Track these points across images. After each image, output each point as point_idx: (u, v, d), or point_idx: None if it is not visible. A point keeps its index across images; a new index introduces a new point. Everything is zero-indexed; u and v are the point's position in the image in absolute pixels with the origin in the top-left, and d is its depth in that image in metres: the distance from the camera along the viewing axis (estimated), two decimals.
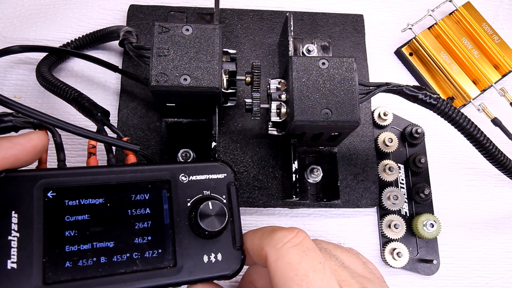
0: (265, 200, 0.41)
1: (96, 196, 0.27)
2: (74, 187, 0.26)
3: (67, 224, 0.25)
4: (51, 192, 0.26)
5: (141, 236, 0.27)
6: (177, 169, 0.29)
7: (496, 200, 0.45)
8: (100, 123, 0.34)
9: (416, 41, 0.47)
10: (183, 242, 0.27)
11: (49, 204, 0.25)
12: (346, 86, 0.34)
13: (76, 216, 0.26)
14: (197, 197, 0.29)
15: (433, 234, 0.41)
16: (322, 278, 0.23)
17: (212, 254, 0.28)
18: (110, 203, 0.27)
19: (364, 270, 0.29)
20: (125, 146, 0.30)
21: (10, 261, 0.24)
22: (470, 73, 0.46)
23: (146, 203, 0.28)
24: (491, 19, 0.50)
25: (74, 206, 0.26)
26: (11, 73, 0.43)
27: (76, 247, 0.25)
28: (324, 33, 0.46)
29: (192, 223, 0.28)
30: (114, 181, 0.27)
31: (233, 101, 0.39)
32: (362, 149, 0.43)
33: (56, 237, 0.25)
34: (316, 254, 0.24)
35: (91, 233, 0.26)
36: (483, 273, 0.43)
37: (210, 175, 0.30)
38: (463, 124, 0.36)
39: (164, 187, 0.28)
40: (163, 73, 0.33)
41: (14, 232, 0.24)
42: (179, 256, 0.27)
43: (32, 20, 0.45)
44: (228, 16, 0.46)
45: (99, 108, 0.35)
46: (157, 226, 0.27)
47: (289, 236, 0.25)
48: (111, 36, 0.42)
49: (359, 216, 0.43)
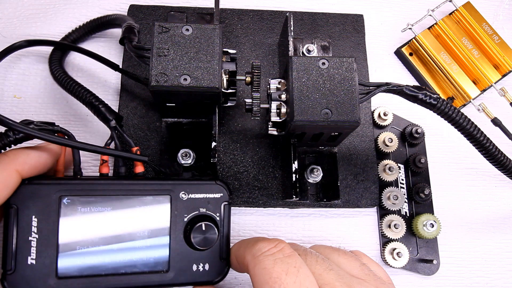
0: (265, 200, 0.41)
1: (105, 205, 0.30)
2: (87, 196, 0.30)
3: (79, 228, 0.29)
4: (67, 199, 0.30)
5: (141, 242, 0.31)
6: (179, 186, 0.32)
7: (496, 200, 0.45)
8: (113, 130, 0.37)
9: (416, 41, 0.47)
10: (177, 252, 0.31)
11: (64, 209, 0.29)
12: (346, 86, 0.34)
13: (87, 221, 0.30)
14: (193, 213, 0.32)
15: (433, 234, 0.41)
16: (294, 280, 0.25)
17: (200, 264, 0.32)
18: (117, 212, 0.30)
19: (360, 272, 0.29)
20: (134, 158, 0.34)
21: (30, 257, 0.28)
22: (470, 73, 0.46)
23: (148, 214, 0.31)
24: (491, 19, 0.50)
25: (86, 212, 0.30)
26: (11, 73, 0.43)
27: (85, 248, 0.29)
28: (324, 33, 0.46)
29: (186, 235, 0.31)
30: (122, 193, 0.31)
31: (233, 101, 0.39)
32: (362, 149, 0.43)
33: (69, 238, 0.29)
34: (292, 260, 0.26)
35: (99, 237, 0.30)
36: (483, 273, 0.43)
37: (208, 194, 0.33)
38: (463, 124, 0.36)
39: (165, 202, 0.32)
40: (163, 73, 0.33)
41: (34, 234, 0.29)
42: (172, 264, 0.31)
43: (32, 20, 0.45)
44: (228, 16, 0.46)
45: (113, 113, 0.38)
46: (155, 236, 0.31)
47: (268, 247, 0.27)
48: (114, 24, 0.43)
49: (359, 216, 0.43)
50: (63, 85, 0.40)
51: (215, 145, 0.35)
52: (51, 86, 0.43)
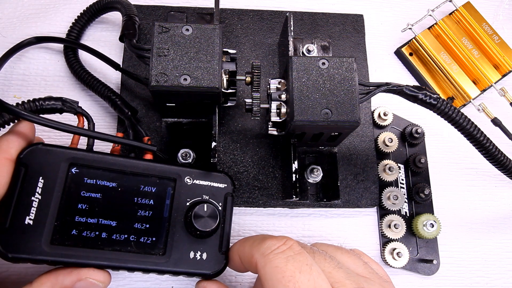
0: (265, 200, 0.41)
1: (111, 180, 0.31)
2: (95, 168, 0.30)
3: (81, 198, 0.30)
4: (75, 168, 0.30)
5: (140, 222, 0.30)
6: (184, 172, 0.32)
7: (496, 200, 0.45)
8: (128, 121, 0.39)
9: (416, 41, 0.47)
10: (175, 236, 0.31)
11: (71, 178, 0.30)
12: (346, 86, 0.34)
13: (90, 193, 0.30)
14: (196, 199, 0.32)
15: (433, 234, 0.41)
16: (308, 278, 0.24)
17: (198, 252, 0.31)
18: (121, 188, 0.31)
19: (365, 270, 0.29)
20: (144, 147, 0.34)
21: (28, 217, 0.28)
22: (470, 73, 0.46)
23: (151, 195, 0.31)
24: (491, 19, 0.50)
25: (91, 184, 0.30)
26: (11, 73, 0.43)
27: (84, 219, 0.29)
28: (324, 33, 0.46)
29: (187, 221, 0.31)
30: (128, 170, 0.31)
31: (233, 101, 0.39)
32: (362, 149, 0.43)
33: (70, 207, 0.29)
34: (303, 258, 0.25)
35: (100, 210, 0.30)
36: (483, 273, 0.43)
37: (212, 182, 0.33)
38: (463, 124, 0.36)
39: (170, 184, 0.32)
40: (163, 73, 0.33)
41: (38, 194, 0.28)
42: (169, 247, 0.30)
43: (32, 20, 0.45)
44: (228, 16, 0.46)
45: (129, 107, 0.40)
46: (156, 217, 0.31)
47: (277, 244, 0.26)
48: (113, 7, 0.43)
49: (359, 216, 0.43)
50: (82, 79, 0.42)
51: (215, 145, 0.35)
52: (50, 86, 0.43)
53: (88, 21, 0.44)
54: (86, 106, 0.43)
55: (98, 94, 0.41)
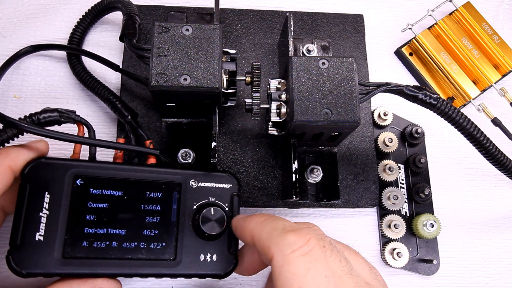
0: (265, 200, 0.41)
1: (117, 189, 0.31)
2: (99, 178, 0.30)
3: (88, 210, 0.30)
4: (80, 180, 0.30)
5: (149, 229, 0.31)
6: (189, 175, 0.33)
7: (496, 200, 0.45)
8: (129, 125, 0.39)
9: (416, 41, 0.47)
10: (184, 240, 0.31)
11: (77, 190, 0.30)
12: (346, 86, 0.34)
13: (97, 204, 0.30)
14: (202, 202, 0.32)
15: (433, 234, 0.41)
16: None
17: (208, 254, 0.31)
18: (127, 196, 0.31)
19: (370, 276, 0.28)
20: (146, 151, 0.34)
21: (38, 233, 0.28)
22: (470, 73, 0.46)
23: (158, 200, 0.31)
24: (491, 19, 0.50)
25: (97, 195, 0.30)
26: (11, 73, 0.43)
27: (93, 230, 0.29)
28: (324, 33, 0.46)
29: (195, 224, 0.31)
30: (133, 178, 0.31)
31: (233, 101, 0.39)
32: (362, 149, 0.43)
33: (78, 219, 0.29)
34: (324, 266, 0.24)
35: (108, 220, 0.30)
36: (483, 273, 0.43)
37: (218, 184, 0.33)
38: (463, 124, 0.36)
39: (176, 189, 0.32)
40: (163, 73, 0.33)
41: (45, 210, 0.28)
42: (179, 251, 0.31)
43: (32, 20, 0.45)
44: (228, 16, 0.46)
45: (129, 109, 0.39)
46: (164, 222, 0.31)
47: (299, 243, 0.25)
48: (114, 7, 0.43)
49: (359, 216, 0.43)
50: (83, 81, 0.42)
51: (215, 145, 0.35)
52: (51, 86, 0.43)
53: (90, 24, 0.44)
54: (86, 106, 0.43)
55: (98, 96, 0.41)
